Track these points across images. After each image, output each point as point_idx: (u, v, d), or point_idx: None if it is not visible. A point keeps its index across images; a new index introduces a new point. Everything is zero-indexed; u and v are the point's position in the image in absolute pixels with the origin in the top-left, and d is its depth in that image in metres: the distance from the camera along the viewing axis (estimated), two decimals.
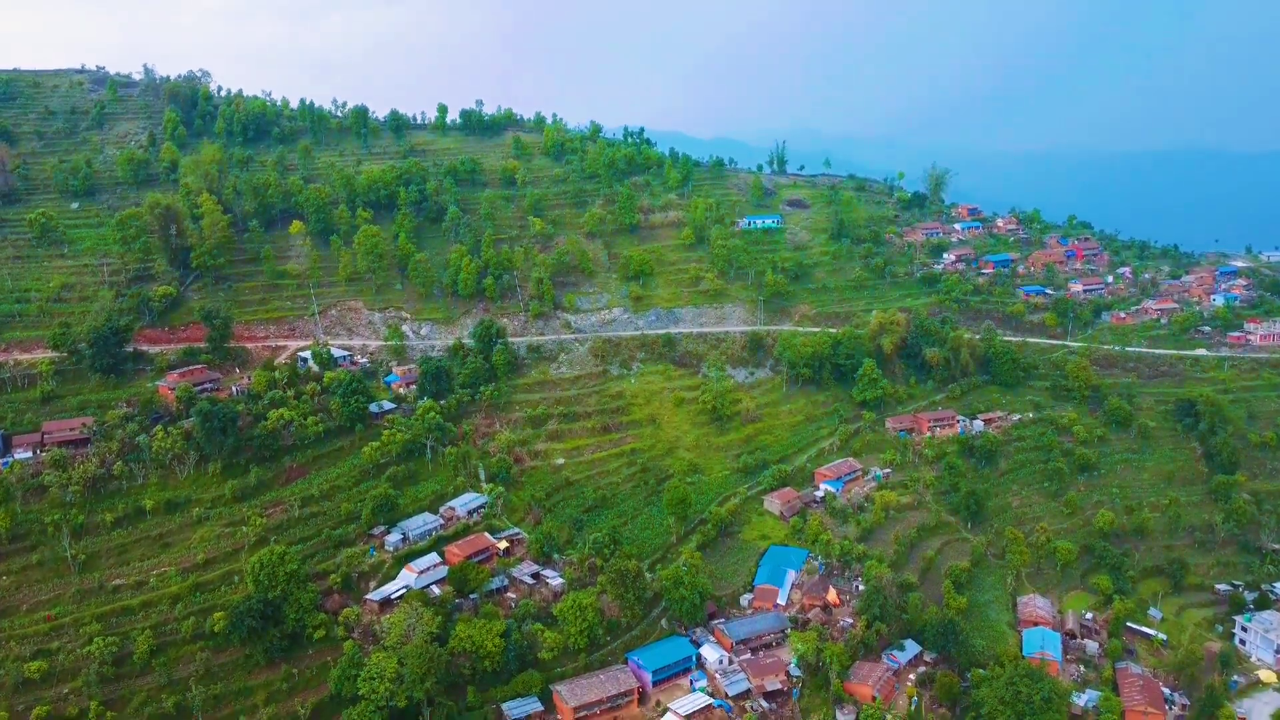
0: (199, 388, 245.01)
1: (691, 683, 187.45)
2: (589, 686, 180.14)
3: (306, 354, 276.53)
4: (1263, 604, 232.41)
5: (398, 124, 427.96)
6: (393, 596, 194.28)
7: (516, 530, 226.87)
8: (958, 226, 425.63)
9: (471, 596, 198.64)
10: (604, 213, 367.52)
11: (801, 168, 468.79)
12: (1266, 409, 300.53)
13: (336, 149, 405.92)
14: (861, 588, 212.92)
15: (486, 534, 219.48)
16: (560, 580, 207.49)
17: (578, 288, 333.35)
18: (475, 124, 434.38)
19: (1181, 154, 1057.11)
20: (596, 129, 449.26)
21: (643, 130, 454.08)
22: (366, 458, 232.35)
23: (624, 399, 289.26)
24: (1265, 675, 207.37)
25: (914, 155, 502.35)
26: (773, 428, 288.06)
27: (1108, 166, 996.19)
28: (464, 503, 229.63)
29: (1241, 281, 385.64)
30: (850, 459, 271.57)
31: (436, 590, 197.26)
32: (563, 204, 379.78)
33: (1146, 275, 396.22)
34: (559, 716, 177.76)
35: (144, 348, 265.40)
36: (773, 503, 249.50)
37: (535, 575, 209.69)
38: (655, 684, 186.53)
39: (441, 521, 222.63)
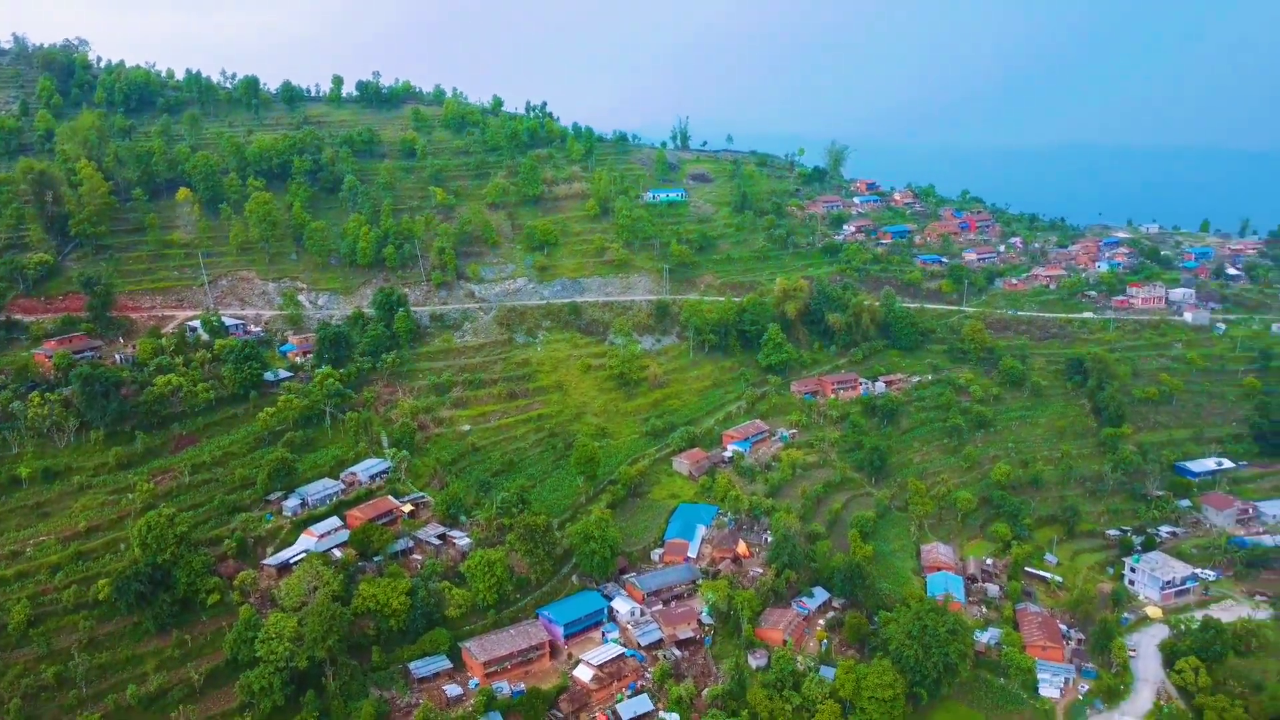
0: (79, 355, 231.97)
1: (604, 635, 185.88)
2: (499, 642, 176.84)
3: (196, 323, 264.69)
4: (1149, 546, 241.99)
5: (290, 95, 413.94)
6: (291, 561, 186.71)
7: (422, 494, 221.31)
8: (857, 200, 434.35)
9: (375, 559, 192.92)
10: (507, 184, 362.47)
11: (704, 143, 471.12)
12: (1149, 366, 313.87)
13: (225, 120, 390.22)
14: (770, 539, 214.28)
15: (390, 497, 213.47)
16: (468, 540, 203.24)
17: (481, 258, 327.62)
18: (372, 96, 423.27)
19: (1071, 148, 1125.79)
20: (498, 102, 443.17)
21: (545, 105, 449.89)
22: (262, 424, 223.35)
23: (530, 366, 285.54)
24: (1152, 611, 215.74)
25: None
26: (680, 393, 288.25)
27: (1019, 158, 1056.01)
28: (366, 468, 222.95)
29: (1124, 250, 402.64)
30: (757, 421, 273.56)
31: (338, 553, 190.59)
32: (465, 175, 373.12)
33: (1036, 245, 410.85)
34: (469, 673, 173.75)
35: (18, 317, 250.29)
36: (681, 463, 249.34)
37: (442, 536, 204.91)
38: (567, 638, 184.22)
39: (343, 487, 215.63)
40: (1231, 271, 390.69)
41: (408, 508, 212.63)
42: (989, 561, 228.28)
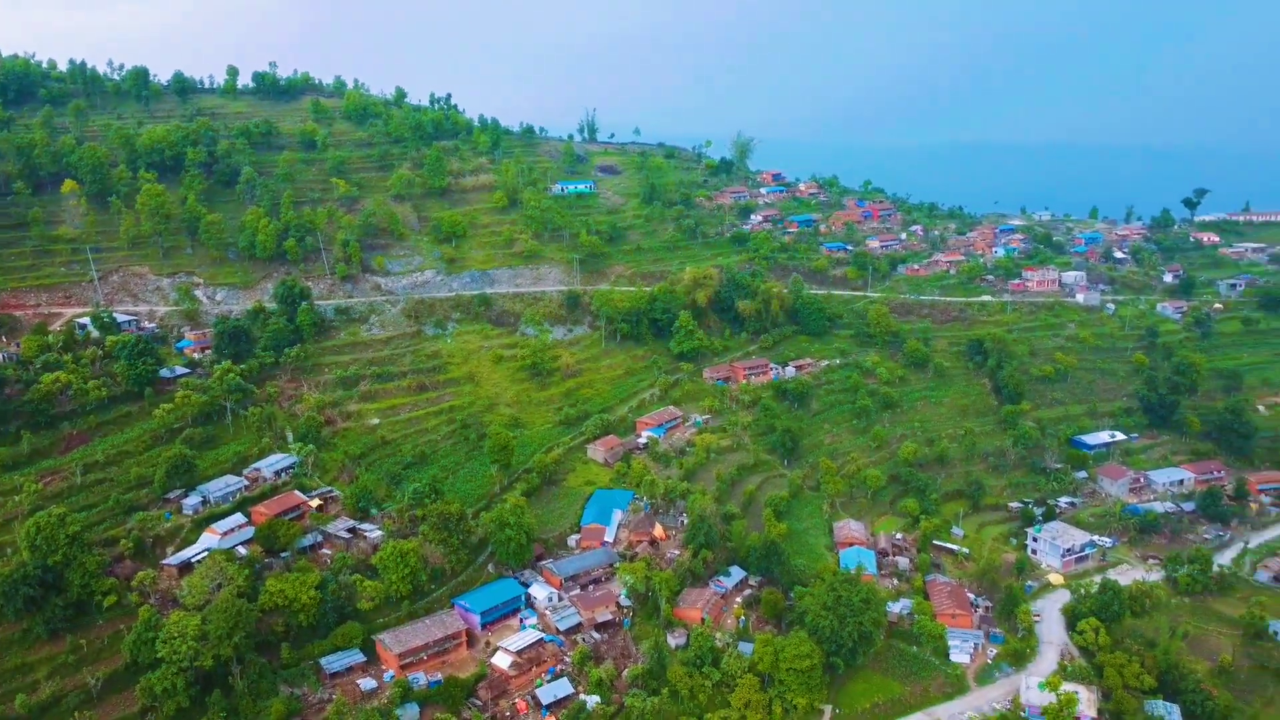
0: None
1: (522, 621, 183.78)
2: (414, 633, 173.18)
3: (86, 320, 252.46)
4: (1049, 516, 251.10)
5: (183, 87, 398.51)
6: (193, 560, 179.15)
7: (330, 489, 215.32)
8: (763, 191, 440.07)
9: (283, 555, 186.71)
10: (412, 175, 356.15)
11: (612, 136, 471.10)
12: (1045, 345, 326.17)
13: (114, 112, 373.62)
14: (686, 522, 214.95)
15: (297, 492, 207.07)
16: (379, 533, 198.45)
17: (387, 250, 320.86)
18: (269, 88, 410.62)
19: (968, 147, 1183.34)
20: (401, 94, 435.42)
21: (449, 97, 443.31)
22: (158, 421, 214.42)
23: (440, 358, 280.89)
24: (1054, 578, 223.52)
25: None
26: (593, 381, 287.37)
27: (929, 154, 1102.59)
28: (271, 464, 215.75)
29: (1019, 236, 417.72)
30: (671, 407, 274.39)
31: (243, 550, 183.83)
32: (368, 167, 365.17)
33: (936, 232, 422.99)
34: (384, 666, 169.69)
35: None
36: (596, 450, 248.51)
37: (352, 530, 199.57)
38: (484, 626, 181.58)
39: (246, 483, 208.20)
40: (1119, 255, 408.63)
41: (316, 502, 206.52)
42: (899, 536, 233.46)
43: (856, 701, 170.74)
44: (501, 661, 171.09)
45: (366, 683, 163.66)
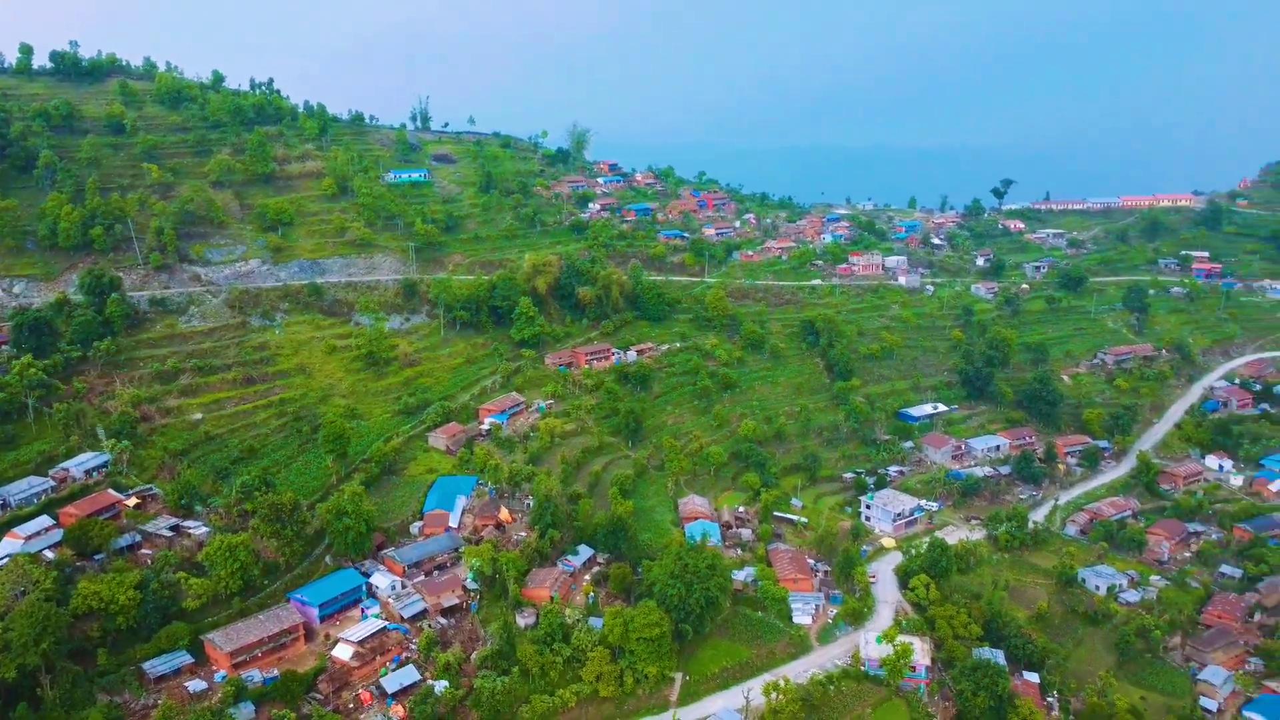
0: None
1: (363, 611, 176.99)
2: (246, 630, 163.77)
3: None
4: (881, 484, 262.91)
5: None
6: None
7: (149, 487, 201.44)
8: (601, 180, 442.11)
9: (97, 556, 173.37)
10: (233, 161, 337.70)
11: (446, 125, 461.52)
12: (871, 325, 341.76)
13: None
14: (532, 504, 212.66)
15: (111, 491, 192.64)
16: (206, 529, 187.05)
17: (208, 239, 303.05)
18: (70, 68, 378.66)
19: (795, 149, 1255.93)
20: (219, 77, 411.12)
21: (272, 81, 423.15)
22: None
23: (269, 350, 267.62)
24: (887, 541, 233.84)
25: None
26: (433, 370, 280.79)
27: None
28: (80, 463, 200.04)
29: (844, 224, 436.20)
30: (514, 394, 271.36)
31: (51, 554, 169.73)
32: (184, 153, 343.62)
33: (768, 221, 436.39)
34: (214, 666, 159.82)
35: None
36: (438, 438, 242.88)
37: (175, 528, 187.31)
38: (323, 619, 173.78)
39: (53, 484, 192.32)
40: (936, 241, 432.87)
41: (133, 501, 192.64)
42: (741, 509, 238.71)
43: (706, 667, 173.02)
44: (343, 653, 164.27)
45: (195, 684, 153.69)
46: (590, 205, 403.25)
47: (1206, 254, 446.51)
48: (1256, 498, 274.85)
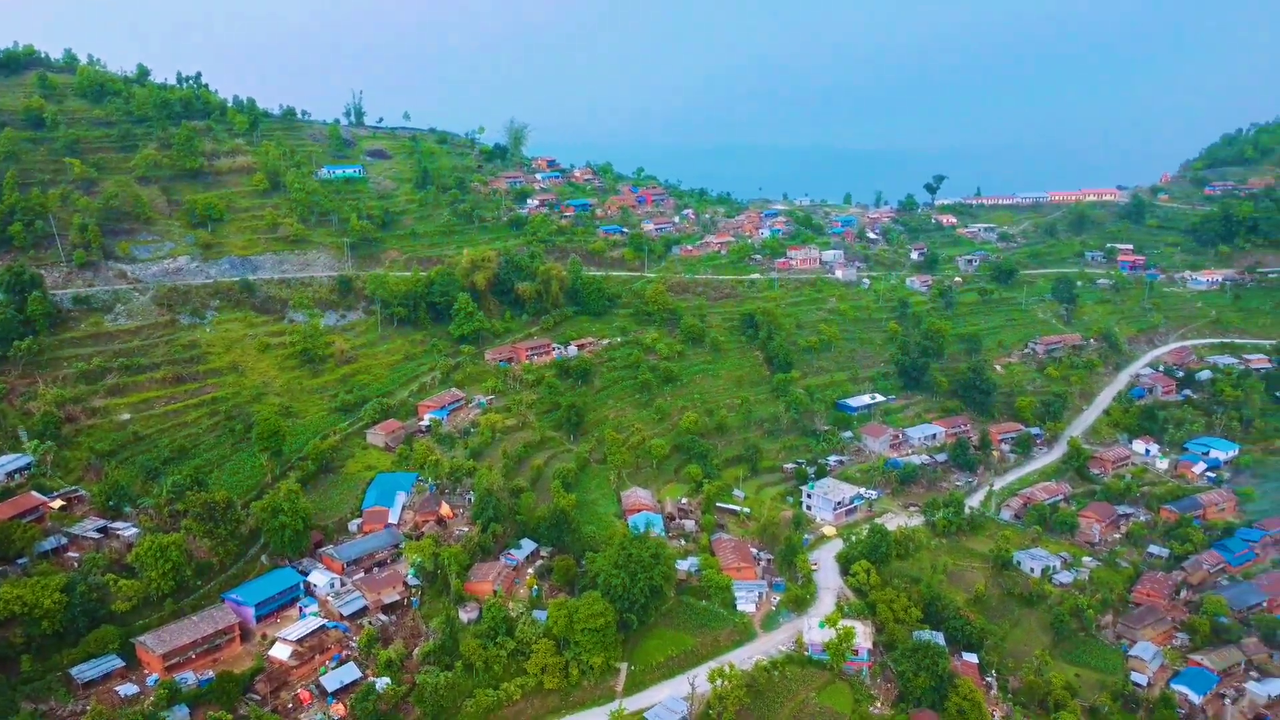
0: None
1: (301, 610, 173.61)
2: (179, 631, 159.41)
3: None
4: (821, 474, 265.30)
5: None
6: None
7: (75, 488, 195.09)
8: (539, 176, 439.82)
9: (19, 560, 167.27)
10: (159, 156, 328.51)
11: (380, 120, 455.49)
12: (810, 318, 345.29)
13: None
14: (474, 499, 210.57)
15: (34, 493, 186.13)
16: (135, 530, 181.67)
17: (134, 235, 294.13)
18: None
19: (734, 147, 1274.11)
20: (144, 71, 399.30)
21: (199, 75, 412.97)
22: None
23: (199, 348, 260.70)
24: (828, 529, 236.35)
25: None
26: (370, 367, 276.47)
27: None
28: (1, 465, 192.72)
29: (782, 219, 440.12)
30: (454, 390, 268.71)
31: None
32: (108, 147, 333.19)
33: (707, 216, 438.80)
34: (147, 670, 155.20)
35: None
36: (376, 435, 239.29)
37: (103, 530, 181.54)
38: (260, 619, 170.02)
39: None
40: (871, 236, 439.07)
41: (58, 503, 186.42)
42: (684, 501, 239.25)
43: (651, 656, 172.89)
44: (280, 653, 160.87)
45: (126, 689, 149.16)
46: (528, 201, 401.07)
47: (1130, 247, 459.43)
48: (1181, 480, 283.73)
